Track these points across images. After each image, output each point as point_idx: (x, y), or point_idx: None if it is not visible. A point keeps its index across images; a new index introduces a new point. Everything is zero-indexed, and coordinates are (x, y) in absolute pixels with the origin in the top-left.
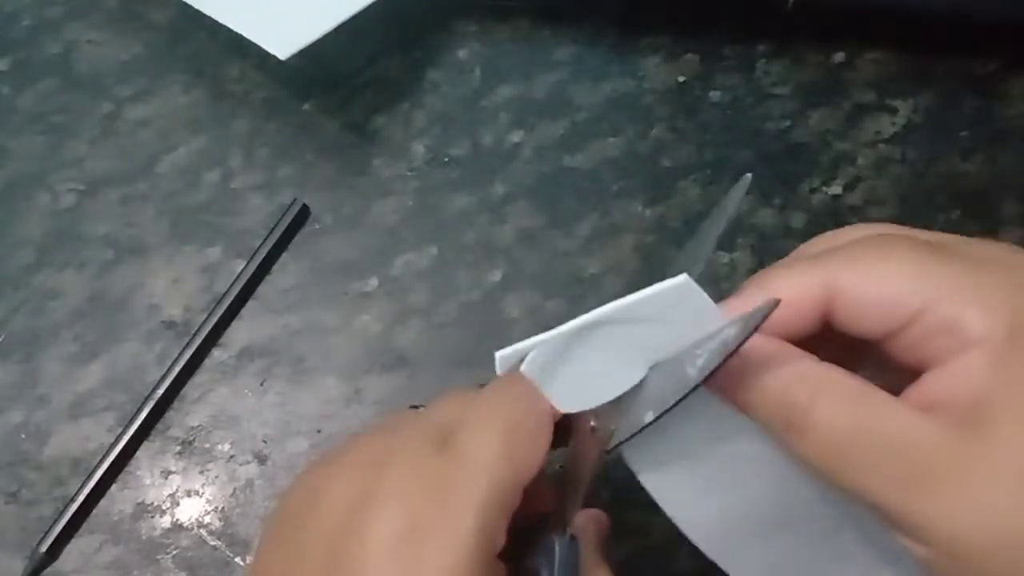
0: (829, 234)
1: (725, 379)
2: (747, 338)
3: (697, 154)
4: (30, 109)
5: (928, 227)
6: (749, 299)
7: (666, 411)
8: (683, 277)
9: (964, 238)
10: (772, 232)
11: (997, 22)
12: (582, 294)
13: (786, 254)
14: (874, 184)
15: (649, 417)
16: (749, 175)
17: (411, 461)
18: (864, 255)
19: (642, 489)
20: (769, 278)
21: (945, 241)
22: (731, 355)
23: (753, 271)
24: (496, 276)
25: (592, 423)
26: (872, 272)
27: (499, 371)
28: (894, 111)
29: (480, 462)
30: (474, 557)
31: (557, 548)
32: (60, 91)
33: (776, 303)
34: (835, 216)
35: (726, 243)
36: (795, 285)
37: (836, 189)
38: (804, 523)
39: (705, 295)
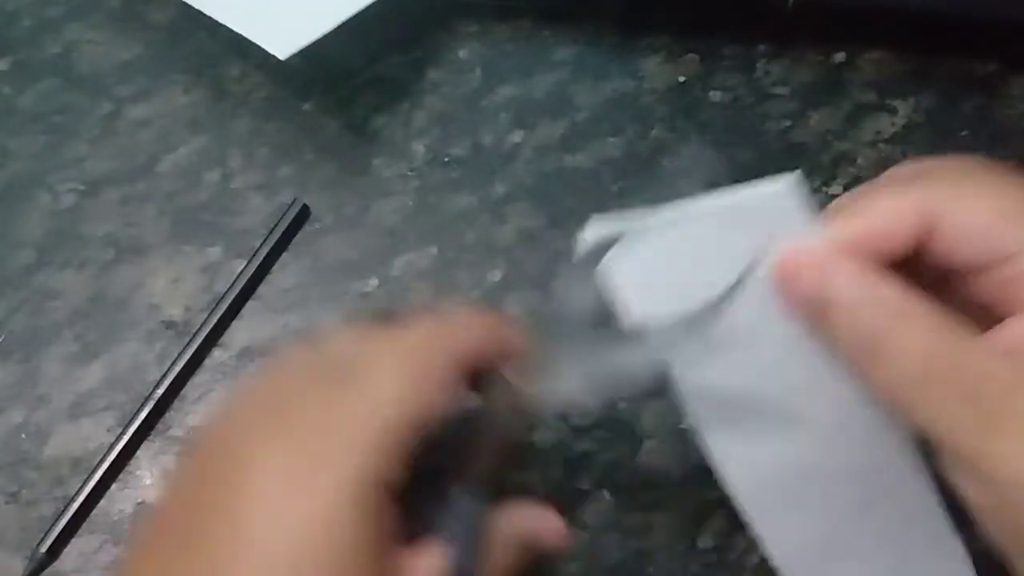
0: (922, 162)
1: (804, 294)
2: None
3: (698, 154)
4: (30, 109)
5: None
6: (847, 221)
7: (629, 399)
8: (790, 178)
9: None
10: None
11: (997, 22)
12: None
13: None
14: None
15: (589, 400)
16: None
17: (309, 392)
18: (971, 183)
19: (643, 489)
20: (867, 198)
21: None
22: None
23: None
24: (496, 276)
25: (516, 385)
26: (976, 203)
27: (585, 242)
28: (894, 111)
29: (381, 397)
30: (368, 489)
31: (463, 504)
32: (60, 91)
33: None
34: None
35: None
36: (894, 207)
37: (836, 189)
38: (851, 486)
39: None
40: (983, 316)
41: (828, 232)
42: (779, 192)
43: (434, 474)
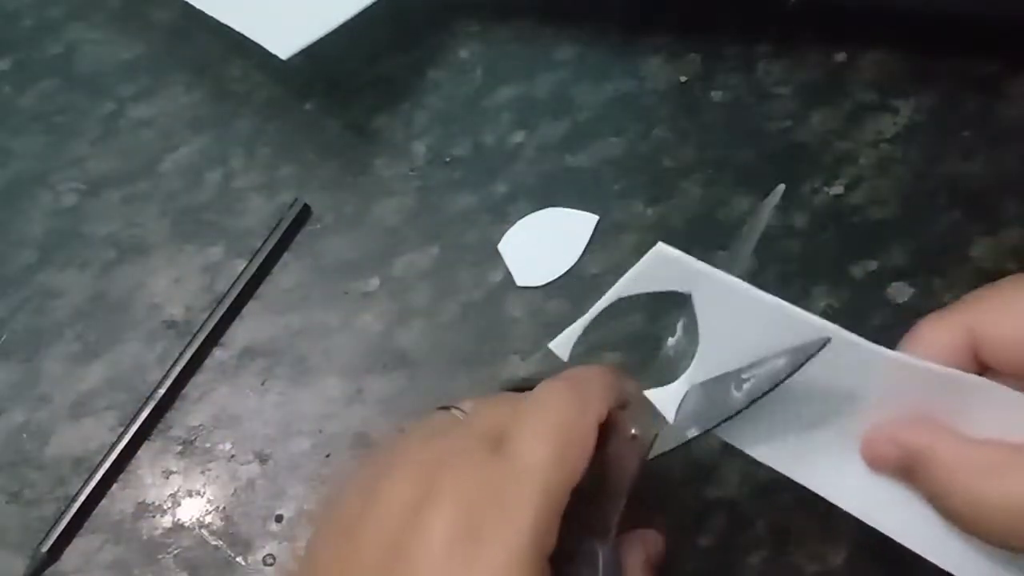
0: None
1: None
2: (796, 370)
3: (699, 154)
4: (32, 109)
5: (929, 227)
6: (908, 350)
7: (707, 431)
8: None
9: None
10: (774, 232)
11: (999, 22)
12: (584, 294)
13: (788, 254)
14: (876, 184)
15: (692, 433)
16: (783, 186)
17: (466, 462)
18: (1001, 298)
19: (643, 490)
20: (919, 326)
21: None
22: (778, 385)
23: (754, 271)
24: (497, 276)
25: (633, 431)
26: (1009, 314)
27: (564, 357)
28: (895, 111)
29: (534, 464)
30: (529, 557)
31: (600, 555)
32: (62, 91)
33: (826, 340)
34: (837, 216)
35: (727, 243)
36: (940, 333)
37: (838, 189)
38: None
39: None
40: None
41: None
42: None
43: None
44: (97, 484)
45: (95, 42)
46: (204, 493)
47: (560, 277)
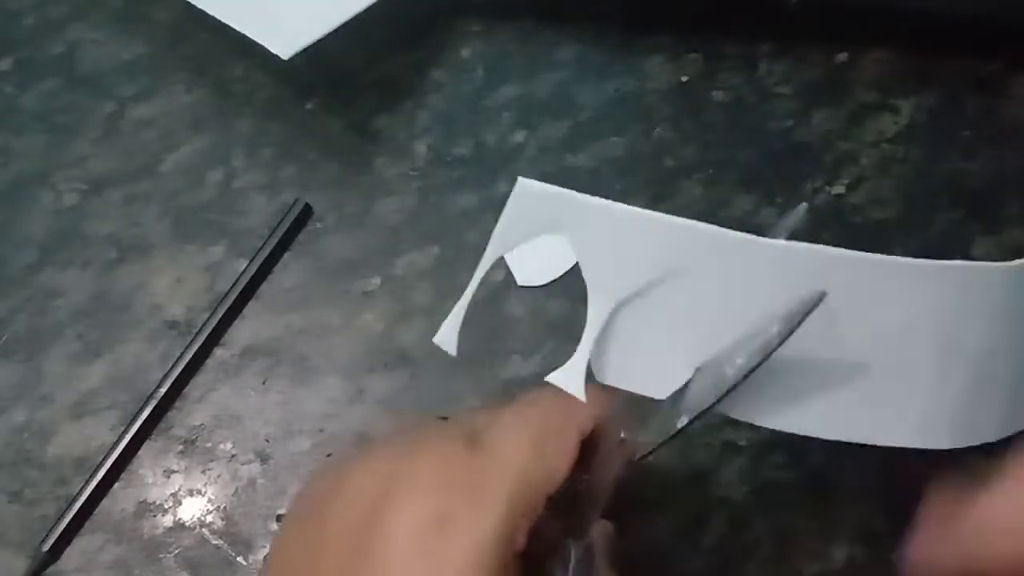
0: None
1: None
2: (788, 336)
3: (700, 154)
4: (33, 108)
5: (930, 226)
6: None
7: (701, 414)
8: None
9: None
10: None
11: (1000, 22)
12: (584, 294)
13: None
14: (877, 184)
15: (682, 422)
16: (805, 204)
17: (439, 455)
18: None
19: (643, 489)
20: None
21: None
22: (771, 353)
23: None
24: (499, 276)
25: (623, 435)
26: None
27: (452, 351)
28: (897, 111)
29: (509, 461)
30: (497, 552)
31: (573, 554)
32: (63, 90)
33: (822, 295)
34: (838, 216)
35: None
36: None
37: (839, 189)
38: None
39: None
40: None
41: None
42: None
43: (543, 525)
44: (98, 483)
45: (96, 42)
46: (205, 492)
47: (561, 277)
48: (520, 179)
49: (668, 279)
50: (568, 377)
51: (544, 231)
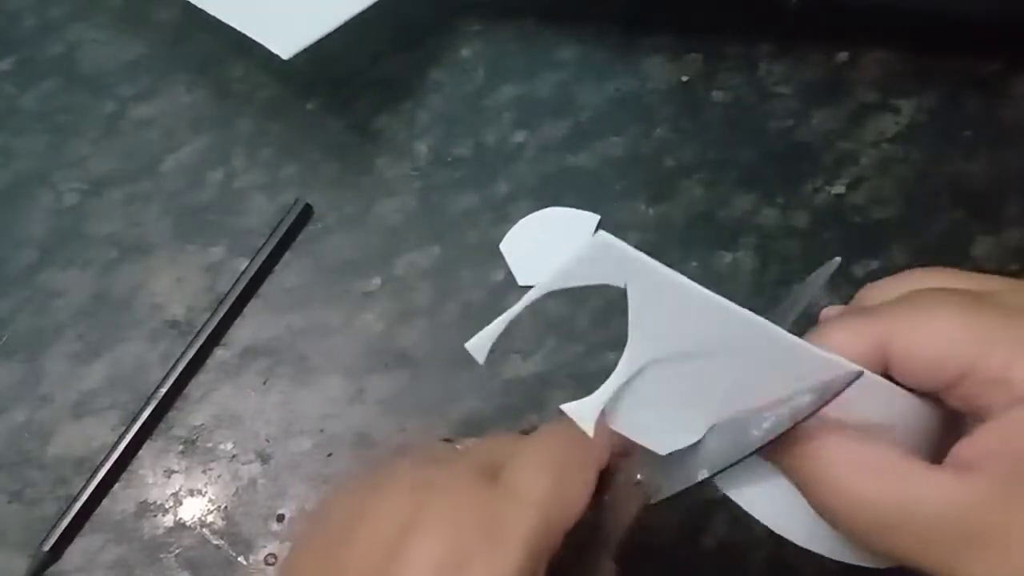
0: (885, 281)
1: (776, 453)
2: (821, 407)
3: (700, 154)
4: (34, 108)
5: (931, 227)
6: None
7: (721, 471)
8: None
9: (1007, 284)
10: (775, 232)
11: (1000, 22)
12: (585, 294)
13: (789, 254)
14: (877, 184)
15: (703, 475)
16: (838, 259)
17: (461, 489)
18: (914, 312)
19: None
20: (827, 333)
21: (990, 289)
22: (801, 422)
23: (755, 271)
24: (499, 275)
25: (639, 476)
26: (922, 330)
27: (481, 360)
28: (897, 111)
29: (529, 499)
30: None
31: None
32: (64, 90)
33: (858, 374)
34: (838, 216)
35: (728, 243)
36: (850, 343)
37: (839, 189)
38: None
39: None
40: (961, 419)
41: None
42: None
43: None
44: (99, 483)
45: (97, 42)
46: (206, 492)
47: None
48: (602, 233)
49: (703, 354)
50: (583, 410)
51: (606, 281)
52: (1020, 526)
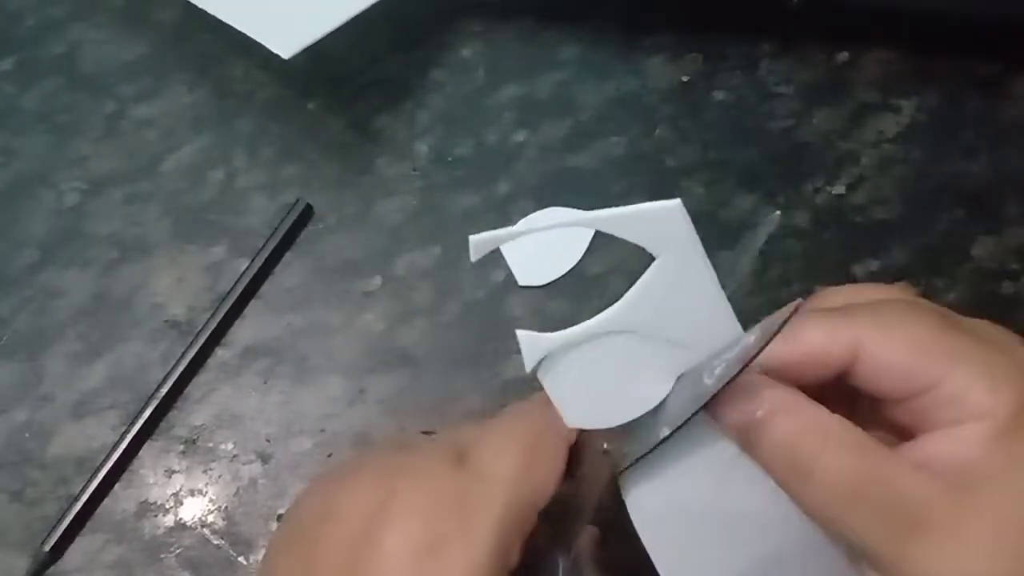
0: (848, 288)
1: (737, 420)
2: (765, 345)
3: (700, 154)
4: (34, 108)
5: (932, 226)
6: (776, 348)
7: (683, 424)
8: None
9: (963, 317)
10: (775, 231)
11: (1001, 22)
12: (585, 294)
13: (790, 254)
14: (878, 184)
15: (664, 432)
16: (778, 213)
17: (429, 475)
18: (893, 319)
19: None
20: (801, 327)
21: (953, 315)
22: (750, 362)
23: (755, 271)
24: (499, 276)
25: (605, 445)
26: (897, 337)
27: (473, 257)
28: (898, 111)
29: (498, 479)
30: (490, 573)
31: (561, 567)
32: (64, 90)
33: (795, 308)
34: (838, 216)
35: (729, 242)
36: (825, 337)
37: (840, 189)
38: None
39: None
40: (900, 433)
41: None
42: (663, 211)
43: (533, 538)
44: (99, 483)
45: (97, 42)
46: (206, 492)
47: (562, 277)
48: (679, 201)
49: (688, 345)
50: (533, 342)
51: (644, 243)
52: (964, 527)
